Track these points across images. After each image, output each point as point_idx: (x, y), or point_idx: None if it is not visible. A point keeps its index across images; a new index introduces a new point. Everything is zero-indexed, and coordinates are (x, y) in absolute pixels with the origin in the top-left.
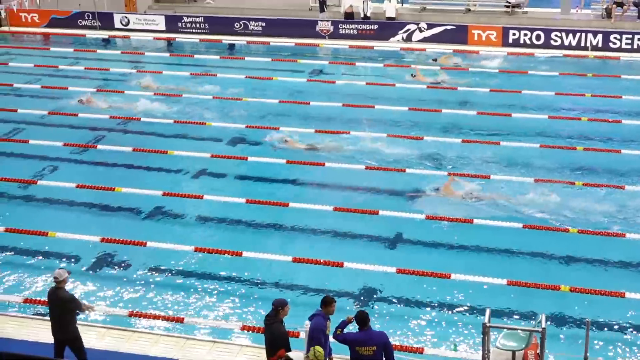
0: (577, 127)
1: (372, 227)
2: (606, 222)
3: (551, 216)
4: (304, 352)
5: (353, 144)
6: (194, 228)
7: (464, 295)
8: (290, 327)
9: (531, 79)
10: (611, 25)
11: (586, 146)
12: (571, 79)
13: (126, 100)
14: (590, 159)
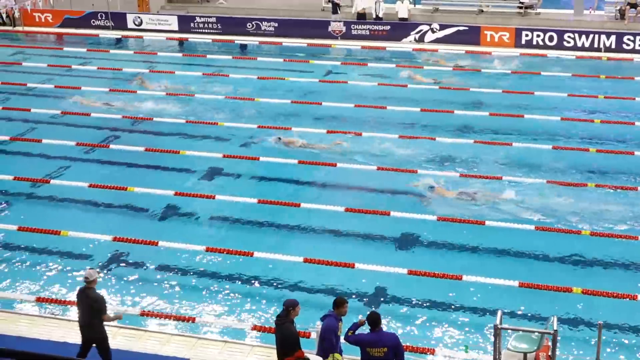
0: (590, 129)
1: (383, 228)
2: (618, 224)
3: (563, 218)
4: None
5: (365, 144)
6: (205, 228)
7: (476, 297)
8: (300, 328)
9: (544, 80)
10: (625, 26)
11: (599, 148)
12: (584, 80)
13: (138, 100)
14: (602, 160)
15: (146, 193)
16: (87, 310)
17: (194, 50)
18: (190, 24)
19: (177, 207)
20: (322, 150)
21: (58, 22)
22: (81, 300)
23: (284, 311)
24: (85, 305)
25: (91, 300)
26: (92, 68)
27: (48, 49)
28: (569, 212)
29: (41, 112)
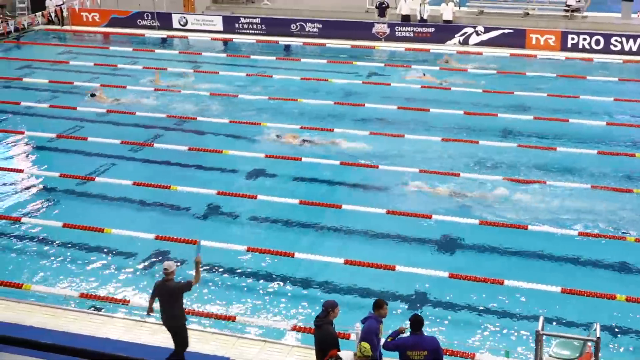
0: (636, 134)
1: (425, 231)
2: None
3: (608, 224)
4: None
5: (408, 147)
6: (247, 227)
7: (517, 302)
8: (340, 329)
9: (589, 84)
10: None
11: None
12: (631, 85)
13: (182, 100)
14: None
15: (189, 192)
16: (170, 300)
17: (238, 51)
18: (235, 25)
19: (219, 206)
20: (364, 151)
21: (105, 22)
22: (162, 292)
23: (323, 312)
24: (168, 297)
25: (174, 290)
26: (138, 67)
27: (95, 48)
28: (614, 217)
29: (87, 111)
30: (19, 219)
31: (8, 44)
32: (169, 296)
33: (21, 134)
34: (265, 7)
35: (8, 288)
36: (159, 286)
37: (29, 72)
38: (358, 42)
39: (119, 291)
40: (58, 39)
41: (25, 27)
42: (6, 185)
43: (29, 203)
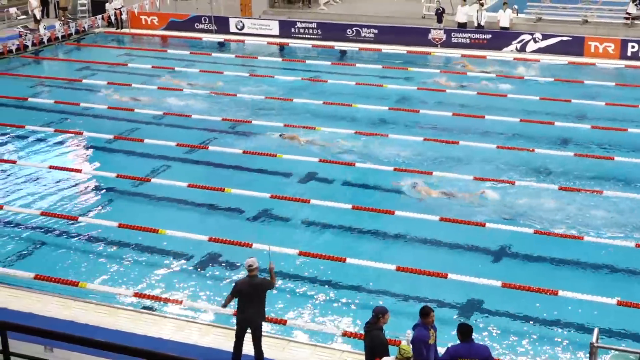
0: None
1: (478, 239)
2: None
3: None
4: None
5: (462, 154)
6: (299, 231)
7: (572, 313)
8: (390, 336)
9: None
10: None
11: None
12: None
13: (238, 103)
14: None
15: (242, 195)
16: (256, 296)
17: (294, 55)
18: (291, 29)
19: (272, 209)
20: (418, 158)
21: (163, 25)
22: (247, 289)
23: (373, 318)
24: (255, 293)
25: (261, 286)
26: (195, 70)
27: (153, 51)
28: None
29: (144, 113)
30: (76, 218)
31: (69, 45)
32: (256, 292)
33: (80, 134)
34: (322, 12)
35: (65, 285)
36: (244, 283)
37: (89, 74)
38: (414, 47)
39: (171, 291)
40: (117, 41)
41: (86, 29)
42: (64, 185)
43: (86, 203)
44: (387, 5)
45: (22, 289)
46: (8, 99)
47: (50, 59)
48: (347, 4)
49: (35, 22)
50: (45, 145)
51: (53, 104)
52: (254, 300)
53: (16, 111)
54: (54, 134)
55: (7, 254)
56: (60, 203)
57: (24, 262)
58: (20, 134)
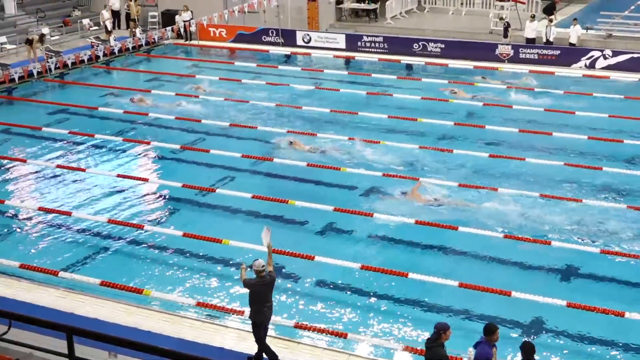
0: None
1: (544, 258)
2: None
3: None
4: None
5: (529, 170)
6: (362, 245)
7: (638, 336)
8: (451, 353)
9: None
10: None
11: None
12: None
13: (303, 116)
14: None
15: (306, 207)
16: (269, 294)
17: (360, 69)
18: (358, 43)
19: (335, 222)
20: (484, 174)
21: (231, 37)
22: (260, 289)
23: (434, 334)
24: (267, 291)
25: (272, 283)
26: (261, 82)
27: (220, 63)
28: None
29: (211, 124)
30: (142, 227)
31: (139, 56)
32: (268, 290)
33: (147, 144)
34: (388, 26)
35: (129, 292)
36: (256, 284)
37: (157, 85)
38: (481, 63)
39: (234, 301)
40: (185, 53)
41: (156, 41)
42: (131, 193)
43: (152, 211)
44: (455, 20)
45: (88, 295)
46: (80, 108)
47: (121, 69)
48: (414, 18)
49: (107, 33)
50: (114, 154)
51: (122, 114)
52: (268, 299)
53: (87, 120)
54: (122, 143)
55: (75, 260)
56: (127, 211)
57: (90, 268)
58: (91, 142)
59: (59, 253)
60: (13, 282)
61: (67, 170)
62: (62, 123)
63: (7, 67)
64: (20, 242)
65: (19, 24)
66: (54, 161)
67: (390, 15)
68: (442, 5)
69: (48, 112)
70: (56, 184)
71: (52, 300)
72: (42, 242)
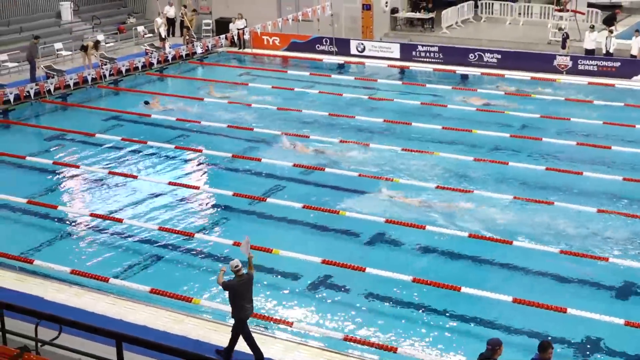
0: None
1: (601, 274)
2: None
3: None
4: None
5: (586, 184)
6: (413, 258)
7: None
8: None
9: None
10: None
11: None
12: None
13: (355, 126)
14: None
15: (357, 218)
16: (249, 291)
17: (414, 79)
18: (412, 53)
19: (386, 234)
20: (537, 186)
21: (285, 46)
22: (242, 289)
23: (487, 350)
24: (248, 288)
25: (250, 280)
26: (314, 92)
27: (273, 71)
28: None
29: (262, 132)
30: (192, 235)
31: (193, 64)
32: (248, 288)
33: (199, 151)
34: (444, 36)
35: (179, 301)
36: (237, 284)
37: (210, 93)
38: (538, 74)
39: (282, 312)
40: (239, 61)
41: (209, 48)
42: (182, 201)
43: (202, 220)
44: (512, 30)
45: (138, 302)
46: (132, 115)
47: (174, 77)
48: (470, 27)
49: (161, 40)
50: (165, 161)
51: (175, 121)
52: (248, 294)
53: (140, 127)
54: (174, 150)
55: (125, 267)
56: (177, 219)
57: (140, 275)
58: (143, 149)
59: (109, 260)
60: (64, 288)
61: (119, 176)
62: (115, 129)
63: (63, 74)
64: (71, 247)
65: (74, 30)
66: (106, 167)
67: (445, 24)
68: (499, 15)
69: (102, 118)
70: (108, 190)
71: (102, 307)
72: (93, 248)
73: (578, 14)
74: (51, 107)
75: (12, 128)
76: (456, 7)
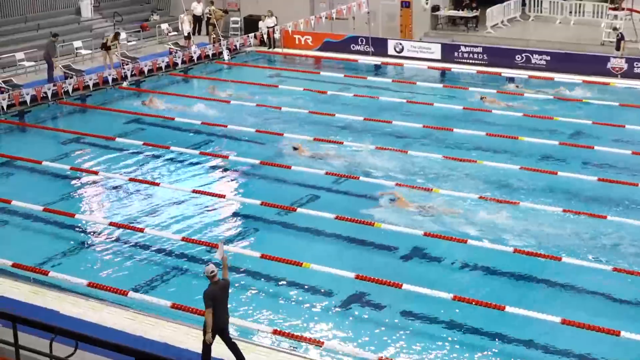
0: None
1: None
2: None
3: None
4: None
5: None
6: (453, 274)
7: None
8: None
9: None
10: None
11: None
12: None
13: (392, 132)
14: None
15: (393, 230)
16: (226, 298)
17: (456, 82)
18: (454, 53)
19: (424, 248)
20: (589, 199)
21: (317, 45)
22: (221, 295)
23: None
24: (225, 295)
25: (227, 287)
26: (349, 95)
27: (305, 73)
28: None
29: (292, 137)
30: (217, 246)
31: (219, 64)
32: (225, 294)
33: (225, 158)
34: (489, 36)
35: (202, 317)
36: (214, 291)
37: (237, 95)
38: (590, 77)
39: (312, 330)
40: (268, 61)
41: (237, 48)
42: (207, 210)
43: (228, 230)
44: (562, 30)
45: (158, 317)
46: (155, 118)
47: (199, 78)
48: (517, 27)
49: (186, 39)
50: (189, 167)
51: (200, 125)
52: (225, 302)
53: (163, 131)
54: (199, 156)
55: (145, 279)
56: (202, 229)
57: (162, 289)
58: (165, 155)
59: (129, 272)
60: (80, 301)
61: (140, 183)
62: (136, 133)
63: (82, 74)
64: (89, 258)
65: (94, 28)
66: (127, 174)
67: (490, 23)
68: (549, 14)
69: (122, 121)
70: (128, 198)
71: (120, 322)
72: (112, 259)
73: (634, 13)
74: (69, 109)
75: (28, 131)
76: (502, 4)
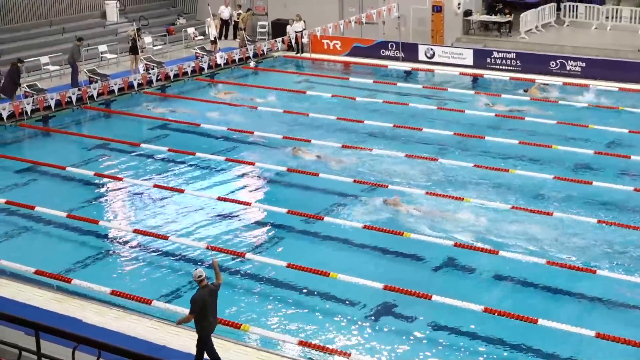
0: None
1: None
2: None
3: None
4: None
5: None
6: (485, 286)
7: None
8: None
9: None
10: None
11: None
12: None
13: (422, 140)
14: None
15: (422, 240)
16: (215, 302)
17: (488, 88)
18: (487, 59)
19: (455, 258)
20: (625, 209)
21: (346, 50)
22: (210, 300)
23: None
24: (214, 299)
25: (216, 291)
26: (378, 101)
27: (333, 78)
28: None
29: (320, 144)
30: (243, 255)
31: (246, 69)
32: (214, 299)
33: (252, 165)
34: (522, 41)
35: (226, 327)
36: (203, 295)
37: (264, 101)
38: (627, 85)
39: (339, 341)
40: (296, 66)
41: (265, 52)
42: (232, 218)
43: (254, 239)
44: (598, 36)
45: (182, 327)
46: (180, 124)
47: (226, 83)
48: (551, 32)
49: (213, 43)
50: (215, 174)
51: (226, 131)
52: (214, 307)
53: (188, 137)
54: (224, 162)
55: (170, 288)
56: (227, 237)
57: (186, 298)
58: (191, 161)
59: (153, 280)
60: (104, 309)
61: (165, 190)
62: (162, 139)
63: (107, 78)
64: (112, 266)
65: (120, 31)
66: (152, 180)
67: (524, 29)
68: (584, 19)
69: (147, 127)
70: (153, 204)
71: (144, 331)
72: (136, 267)
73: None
74: (94, 114)
75: (53, 136)
76: (536, 9)
